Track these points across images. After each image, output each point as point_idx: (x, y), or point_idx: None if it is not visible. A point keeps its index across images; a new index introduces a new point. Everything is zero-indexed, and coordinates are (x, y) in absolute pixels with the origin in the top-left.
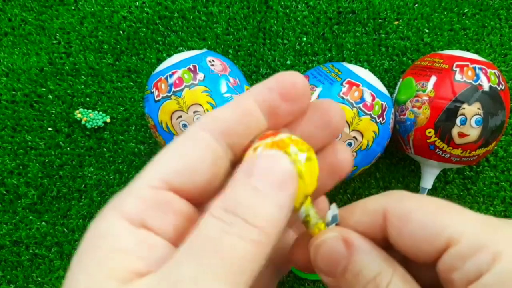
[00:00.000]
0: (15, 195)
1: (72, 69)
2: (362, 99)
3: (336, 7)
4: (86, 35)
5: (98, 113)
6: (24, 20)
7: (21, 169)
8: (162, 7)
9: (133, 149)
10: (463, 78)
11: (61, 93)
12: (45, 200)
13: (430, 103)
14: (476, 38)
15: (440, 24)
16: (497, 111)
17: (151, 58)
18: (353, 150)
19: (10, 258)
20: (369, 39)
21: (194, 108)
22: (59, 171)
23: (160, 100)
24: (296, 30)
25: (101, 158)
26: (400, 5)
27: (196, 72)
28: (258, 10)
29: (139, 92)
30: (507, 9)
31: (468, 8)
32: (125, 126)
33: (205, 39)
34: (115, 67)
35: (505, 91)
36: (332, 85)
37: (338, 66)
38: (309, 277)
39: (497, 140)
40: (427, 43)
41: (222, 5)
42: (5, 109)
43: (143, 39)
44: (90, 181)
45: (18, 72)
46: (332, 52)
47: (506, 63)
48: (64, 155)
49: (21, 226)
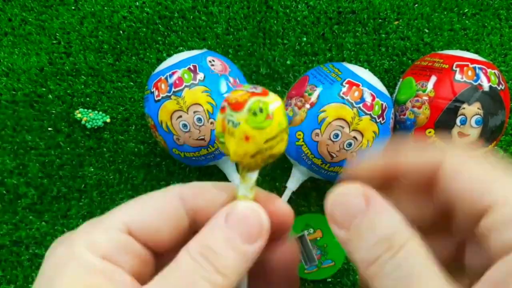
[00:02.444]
0: (15, 195)
1: (72, 69)
2: (362, 99)
3: (336, 7)
4: (86, 35)
5: (98, 113)
6: (24, 20)
7: (21, 169)
8: (162, 7)
9: (133, 149)
10: (463, 78)
11: (61, 93)
12: (45, 200)
13: (430, 103)
14: (476, 38)
15: (440, 24)
16: (497, 111)
17: (151, 58)
18: (353, 150)
19: (10, 258)
20: (369, 39)
21: (194, 108)
22: (59, 171)
23: (160, 100)
24: (296, 30)
25: (101, 158)
26: (400, 5)
27: (196, 72)
28: (258, 10)
29: (139, 92)
30: (507, 9)
31: (468, 8)
32: (125, 126)
33: (205, 39)
34: (115, 67)
35: (505, 91)
36: (332, 85)
37: (338, 66)
38: (309, 277)
39: (497, 140)
40: (427, 43)
41: (222, 5)
42: (5, 109)
43: (143, 39)
44: (90, 181)
45: (18, 72)
46: (332, 52)
47: (506, 63)
48: (64, 155)
49: (21, 226)
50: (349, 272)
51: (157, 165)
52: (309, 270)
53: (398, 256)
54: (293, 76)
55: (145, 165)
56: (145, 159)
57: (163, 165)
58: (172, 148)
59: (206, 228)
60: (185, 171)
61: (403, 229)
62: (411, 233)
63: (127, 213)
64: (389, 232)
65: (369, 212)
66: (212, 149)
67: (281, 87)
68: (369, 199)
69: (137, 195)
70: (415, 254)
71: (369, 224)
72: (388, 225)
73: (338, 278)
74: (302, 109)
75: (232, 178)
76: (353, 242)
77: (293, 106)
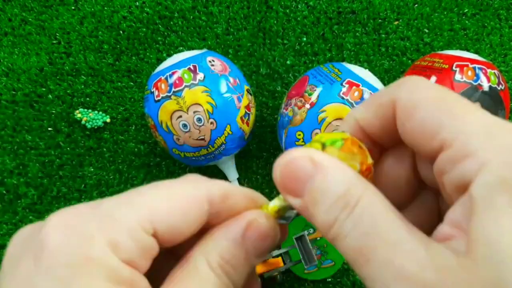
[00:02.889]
0: (15, 195)
1: (72, 69)
2: (362, 99)
3: (336, 7)
4: (86, 35)
5: (98, 113)
6: (24, 20)
7: (21, 169)
8: (162, 7)
9: (133, 149)
10: (463, 78)
11: (61, 93)
12: (45, 200)
13: None
14: (476, 38)
15: (440, 24)
16: (497, 111)
17: (151, 58)
18: None
19: None
20: (369, 39)
21: (194, 108)
22: (59, 171)
23: (160, 100)
24: (296, 30)
25: (101, 158)
26: (400, 5)
27: (196, 72)
28: (258, 10)
29: (139, 92)
30: (507, 9)
31: (468, 8)
32: (125, 126)
33: (205, 39)
34: (115, 67)
35: (505, 91)
36: (332, 85)
37: (338, 66)
38: (309, 277)
39: None
40: (427, 43)
41: (222, 5)
42: (5, 109)
43: (143, 39)
44: (90, 181)
45: (18, 72)
46: (332, 52)
47: (506, 63)
48: (64, 155)
49: (21, 226)
50: (349, 272)
51: (157, 165)
52: (309, 270)
53: (355, 213)
54: (293, 76)
55: (145, 165)
56: (145, 159)
57: (163, 165)
58: (172, 148)
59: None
60: (185, 171)
61: (355, 183)
62: (365, 185)
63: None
64: (342, 190)
65: (318, 174)
66: (212, 149)
67: (281, 87)
68: (315, 160)
69: None
70: (371, 207)
71: (320, 186)
72: (339, 182)
73: (338, 278)
74: (302, 109)
75: (232, 178)
76: (310, 209)
77: (293, 106)
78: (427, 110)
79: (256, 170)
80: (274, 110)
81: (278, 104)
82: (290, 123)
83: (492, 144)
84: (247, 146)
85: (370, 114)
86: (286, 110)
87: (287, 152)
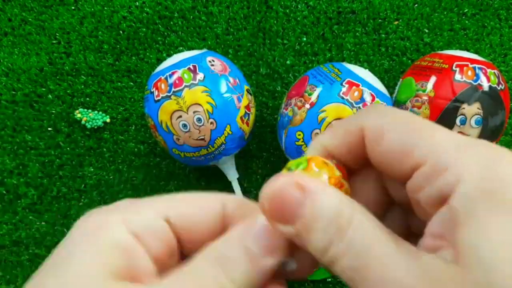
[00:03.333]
0: (15, 195)
1: (72, 69)
2: (362, 99)
3: (336, 7)
4: (86, 35)
5: (98, 113)
6: (24, 20)
7: (21, 169)
8: (162, 7)
9: (133, 149)
10: (463, 78)
11: (61, 93)
12: (45, 200)
13: (430, 103)
14: (476, 38)
15: (440, 24)
16: (497, 111)
17: (151, 58)
18: None
19: (10, 258)
20: (369, 39)
21: (194, 108)
22: (59, 171)
23: (160, 100)
24: (296, 30)
25: (101, 158)
26: (400, 5)
27: (196, 72)
28: (258, 10)
29: (139, 92)
30: (507, 9)
31: (468, 8)
32: (125, 126)
33: (205, 39)
34: (115, 67)
35: (505, 91)
36: (332, 85)
37: (338, 66)
38: (309, 277)
39: (497, 140)
40: (427, 43)
41: (222, 5)
42: (5, 109)
43: (143, 39)
44: (90, 181)
45: (18, 72)
46: (332, 52)
47: (506, 63)
48: (64, 155)
49: (21, 226)
50: None
51: (157, 165)
52: None
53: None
54: (293, 76)
55: (145, 165)
56: (145, 159)
57: (163, 165)
58: (172, 148)
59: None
60: (185, 171)
61: (345, 206)
62: (352, 205)
63: (169, 202)
64: (332, 214)
65: (307, 201)
66: (212, 149)
67: (281, 87)
68: (303, 186)
69: (137, 195)
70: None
71: (311, 213)
72: (329, 206)
73: (338, 278)
74: (302, 109)
75: (232, 178)
76: (303, 235)
77: (293, 106)
78: (396, 133)
79: (256, 170)
80: (274, 110)
81: (278, 104)
82: (290, 123)
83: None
84: (247, 146)
85: (338, 140)
86: (286, 110)
87: (271, 180)
